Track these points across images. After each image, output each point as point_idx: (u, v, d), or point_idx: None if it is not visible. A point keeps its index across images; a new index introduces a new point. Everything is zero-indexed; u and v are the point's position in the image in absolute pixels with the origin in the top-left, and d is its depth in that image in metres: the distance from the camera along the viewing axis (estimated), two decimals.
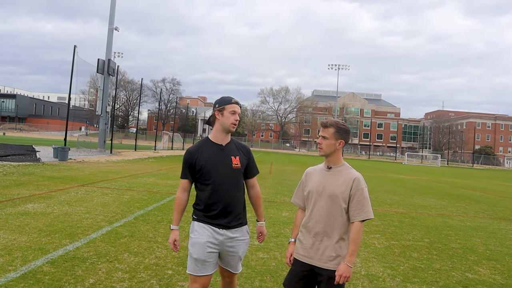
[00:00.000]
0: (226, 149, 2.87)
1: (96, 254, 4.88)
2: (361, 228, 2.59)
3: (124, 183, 12.32)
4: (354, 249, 2.55)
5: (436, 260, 5.76)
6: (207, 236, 2.77)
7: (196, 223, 2.84)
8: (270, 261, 5.11)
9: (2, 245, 4.96)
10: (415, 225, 8.46)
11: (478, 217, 10.31)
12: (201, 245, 2.75)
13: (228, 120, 2.82)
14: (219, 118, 2.85)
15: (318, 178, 2.74)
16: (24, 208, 7.35)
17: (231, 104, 2.85)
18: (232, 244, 2.83)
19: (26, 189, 9.73)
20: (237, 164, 2.86)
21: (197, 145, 2.92)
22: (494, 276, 5.15)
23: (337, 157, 2.72)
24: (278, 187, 14.12)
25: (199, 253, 2.75)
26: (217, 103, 2.89)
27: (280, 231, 6.97)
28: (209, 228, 2.79)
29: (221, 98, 2.92)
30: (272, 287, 4.18)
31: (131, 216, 7.27)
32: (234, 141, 2.96)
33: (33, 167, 15.52)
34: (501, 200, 15.31)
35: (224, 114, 2.83)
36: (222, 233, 2.79)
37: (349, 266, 2.52)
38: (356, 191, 2.61)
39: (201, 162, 2.81)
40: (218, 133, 2.88)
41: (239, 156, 2.89)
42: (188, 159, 2.86)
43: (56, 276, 4.05)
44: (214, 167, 2.79)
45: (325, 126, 2.72)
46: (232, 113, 2.83)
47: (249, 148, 3.03)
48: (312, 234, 2.68)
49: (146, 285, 3.99)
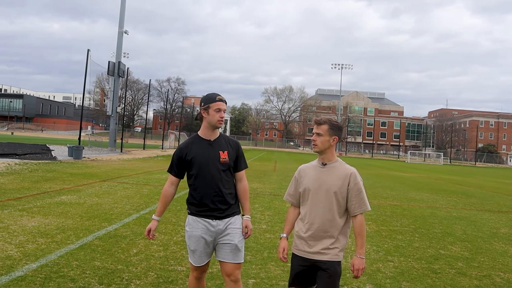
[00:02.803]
0: (215, 144, 2.99)
1: (132, 233, 5.93)
2: (364, 220, 2.72)
3: (140, 179, 13.39)
4: (362, 242, 2.69)
5: (416, 240, 6.77)
6: (201, 229, 2.91)
7: (190, 217, 2.99)
8: (276, 239, 6.14)
9: (55, 226, 6.02)
10: (405, 215, 9.46)
11: (465, 209, 11.28)
12: (196, 238, 2.92)
13: (214, 118, 2.94)
14: (206, 117, 2.96)
15: (313, 175, 2.82)
16: (60, 199, 8.41)
17: (215, 102, 2.94)
18: (226, 232, 2.93)
19: (54, 183, 10.80)
20: (225, 158, 2.97)
21: (187, 141, 3.07)
22: (462, 252, 6.15)
23: (331, 154, 2.81)
24: (282, 183, 15.15)
25: (195, 245, 2.93)
26: (202, 102, 2.98)
27: (284, 218, 7.99)
28: (202, 221, 2.92)
29: (206, 96, 3.00)
30: (277, 257, 5.20)
31: (153, 206, 8.32)
32: (224, 137, 3.08)
33: (53, 165, 16.63)
34: (493, 195, 16.22)
35: (209, 113, 2.94)
36: (215, 224, 2.91)
37: (362, 258, 2.66)
38: (353, 185, 2.71)
39: (190, 156, 2.95)
40: (206, 130, 3.00)
41: (227, 151, 3.00)
42: (178, 153, 3.01)
43: (106, 247, 5.10)
44: (202, 161, 2.93)
45: (319, 124, 2.81)
46: (217, 110, 2.93)
47: (238, 143, 3.14)
48: (310, 229, 2.76)
49: (178, 255, 5.03)
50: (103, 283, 3.91)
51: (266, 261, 4.99)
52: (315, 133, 2.80)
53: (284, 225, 3.01)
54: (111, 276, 4.12)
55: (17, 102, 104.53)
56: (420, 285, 4.51)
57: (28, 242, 5.11)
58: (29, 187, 9.86)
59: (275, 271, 4.67)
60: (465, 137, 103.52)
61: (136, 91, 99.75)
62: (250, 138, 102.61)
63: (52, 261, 4.44)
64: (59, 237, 5.43)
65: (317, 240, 2.71)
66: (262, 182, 14.89)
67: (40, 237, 5.39)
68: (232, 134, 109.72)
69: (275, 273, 4.60)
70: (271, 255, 5.28)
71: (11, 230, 5.64)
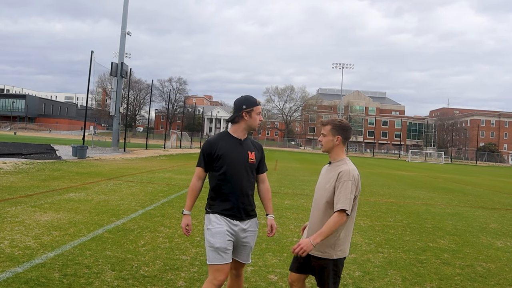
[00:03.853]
0: (244, 144, 3.01)
1: (139, 227, 6.32)
2: (338, 218, 2.70)
3: (144, 177, 13.80)
4: (322, 231, 2.69)
5: (407, 234, 7.15)
6: (226, 225, 2.88)
7: (211, 215, 2.93)
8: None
9: (67, 221, 6.42)
10: (400, 211, 9.83)
11: (459, 206, 11.64)
12: (222, 234, 2.84)
13: (255, 121, 3.01)
14: (247, 119, 2.98)
15: (321, 174, 3.02)
16: (69, 196, 8.81)
17: (257, 106, 3.01)
18: (245, 235, 2.94)
19: (62, 182, 11.21)
20: (252, 159, 3.00)
21: (217, 136, 3.04)
22: (450, 245, 6.53)
23: (336, 153, 2.92)
24: (282, 181, 15.54)
25: (221, 241, 2.83)
26: (244, 104, 2.99)
27: (282, 213, 8.38)
28: (225, 219, 2.90)
29: (247, 99, 3.03)
30: (275, 248, 5.59)
31: (158, 203, 8.71)
32: (250, 138, 3.11)
33: (58, 164, 17.05)
34: (489, 193, 16.57)
35: (252, 116, 2.99)
36: (236, 224, 2.90)
37: (311, 243, 2.67)
38: (339, 183, 2.76)
39: (219, 152, 2.92)
40: (240, 130, 3.02)
41: (254, 152, 3.04)
42: (207, 148, 2.97)
43: (115, 239, 5.50)
44: (231, 159, 2.91)
45: (323, 124, 2.95)
46: (258, 114, 3.02)
47: (261, 145, 3.22)
48: (309, 224, 3.00)
49: (182, 246, 5.42)
50: (115, 270, 4.30)
51: (264, 252, 5.37)
52: (321, 134, 2.96)
53: None
54: (122, 263, 4.52)
55: (19, 102, 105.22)
56: (405, 273, 4.89)
57: (43, 234, 5.51)
58: (38, 185, 10.27)
59: (272, 260, 5.05)
60: (466, 136, 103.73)
61: (138, 91, 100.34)
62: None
63: (67, 251, 4.84)
64: (71, 230, 5.83)
65: (310, 235, 2.84)
66: None
67: (53, 230, 5.79)
68: None
69: (272, 262, 4.98)
70: (269, 247, 5.66)
71: (26, 224, 6.04)
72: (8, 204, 7.46)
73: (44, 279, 3.89)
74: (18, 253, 4.65)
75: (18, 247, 4.86)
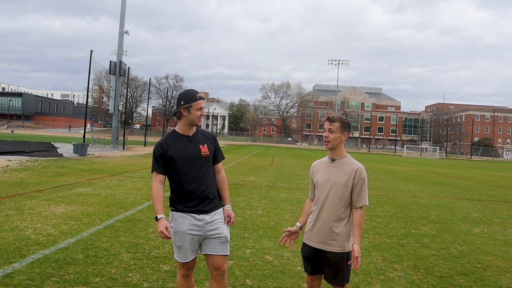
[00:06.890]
0: (194, 139, 3.00)
1: (147, 217, 6.91)
2: (363, 214, 2.88)
3: (146, 173, 14.37)
4: (361, 233, 2.85)
5: (393, 222, 7.78)
6: (187, 224, 2.89)
7: (175, 213, 2.95)
8: (270, 222, 7.13)
9: (80, 212, 7.01)
10: (388, 202, 10.46)
11: (446, 198, 12.29)
12: (182, 233, 2.89)
13: (195, 117, 2.94)
14: (186, 115, 2.93)
15: (324, 170, 3.00)
16: (77, 191, 9.38)
17: (197, 101, 2.92)
18: (214, 226, 2.94)
19: (68, 178, 11.77)
20: (205, 152, 2.99)
21: (166, 137, 3.02)
22: (430, 231, 7.16)
23: (340, 150, 2.97)
24: (278, 176, 16.16)
25: (181, 241, 2.90)
26: (182, 100, 2.93)
27: (278, 205, 8.99)
28: (188, 216, 2.90)
29: (185, 94, 2.96)
30: (271, 235, 6.19)
31: None
32: (200, 130, 3.08)
33: (61, 161, 17.59)
34: (477, 186, 17.25)
35: (191, 112, 2.92)
36: (201, 218, 2.91)
37: (359, 247, 2.81)
38: (358, 180, 2.86)
39: (171, 153, 2.92)
40: (184, 127, 3.00)
41: (206, 144, 3.03)
42: (158, 150, 2.96)
43: (127, 227, 6.09)
44: (184, 157, 2.92)
45: (331, 121, 2.92)
46: (198, 109, 2.93)
47: (214, 135, 3.17)
48: (316, 220, 2.96)
49: None
50: (130, 252, 4.90)
51: (260, 237, 5.98)
52: (327, 129, 2.93)
53: (301, 216, 3.19)
54: (136, 247, 5.11)
55: (16, 101, 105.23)
56: (387, 254, 5.51)
57: (61, 224, 6.10)
58: (46, 181, 10.83)
59: (267, 244, 5.66)
60: (461, 131, 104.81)
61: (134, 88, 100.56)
62: (248, 134, 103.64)
63: (85, 237, 5.43)
64: (85, 220, 6.42)
65: (321, 229, 2.92)
66: (259, 176, 15.89)
67: (69, 220, 6.37)
68: (230, 131, 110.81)
69: (268, 245, 5.58)
70: (265, 233, 6.26)
71: (44, 215, 6.62)
72: (23, 198, 8.03)
73: (70, 259, 4.49)
74: (43, 239, 5.24)
75: (41, 234, 5.45)
